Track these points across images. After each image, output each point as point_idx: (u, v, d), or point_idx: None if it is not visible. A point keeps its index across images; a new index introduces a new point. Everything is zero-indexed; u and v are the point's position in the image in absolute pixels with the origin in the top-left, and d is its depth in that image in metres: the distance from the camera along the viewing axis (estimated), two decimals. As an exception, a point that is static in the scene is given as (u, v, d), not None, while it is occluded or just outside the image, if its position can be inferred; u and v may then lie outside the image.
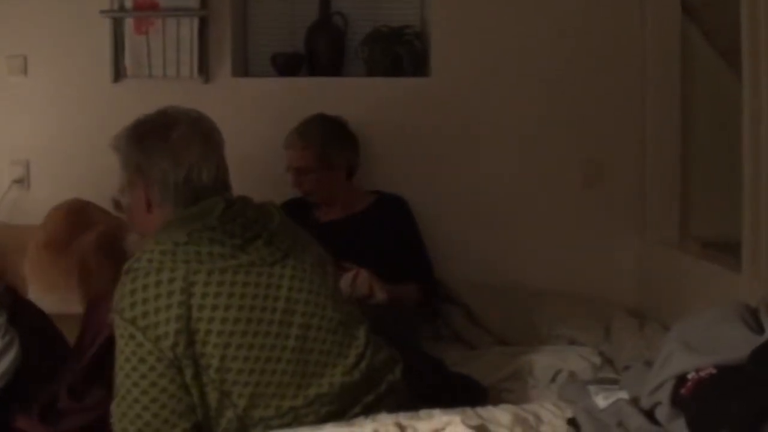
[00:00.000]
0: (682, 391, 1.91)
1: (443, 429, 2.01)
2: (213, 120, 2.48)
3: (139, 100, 4.04)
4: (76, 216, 3.57)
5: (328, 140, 3.80)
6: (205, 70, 4.11)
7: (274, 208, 2.49)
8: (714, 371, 1.90)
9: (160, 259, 2.22)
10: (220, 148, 2.43)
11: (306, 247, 2.47)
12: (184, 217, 2.31)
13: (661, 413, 1.97)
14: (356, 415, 2.31)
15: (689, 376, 1.92)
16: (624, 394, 2.14)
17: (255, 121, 4.03)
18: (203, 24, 4.08)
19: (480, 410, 2.22)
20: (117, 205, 2.62)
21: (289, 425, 2.25)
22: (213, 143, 2.41)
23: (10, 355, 2.41)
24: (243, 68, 4.34)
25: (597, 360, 3.43)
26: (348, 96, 4.09)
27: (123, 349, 2.20)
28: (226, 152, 2.47)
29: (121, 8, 4.06)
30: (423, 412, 2.22)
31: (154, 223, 2.36)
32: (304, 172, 3.78)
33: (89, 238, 3.40)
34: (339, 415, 2.32)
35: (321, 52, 4.28)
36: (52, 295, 3.21)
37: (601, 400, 2.13)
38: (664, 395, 1.95)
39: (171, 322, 2.17)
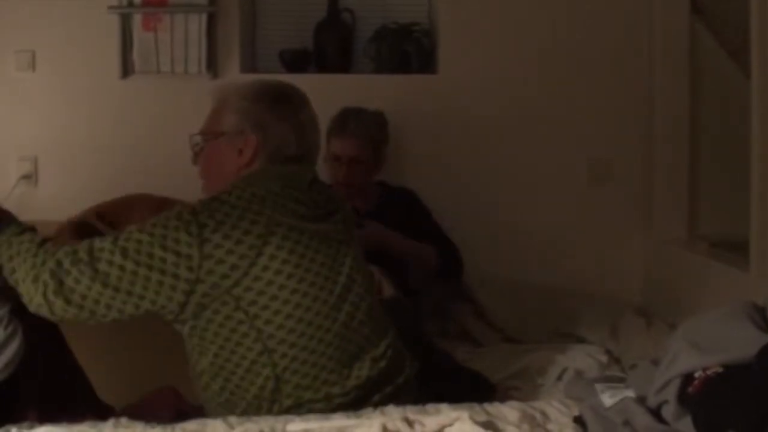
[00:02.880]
0: (689, 389, 1.91)
1: (451, 424, 2.01)
2: None
3: (147, 97, 4.09)
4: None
5: (382, 133, 3.83)
6: (213, 66, 4.11)
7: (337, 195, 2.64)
8: (721, 370, 1.89)
9: (249, 198, 2.30)
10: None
11: (357, 242, 2.58)
12: (279, 172, 2.42)
13: (668, 412, 1.96)
14: (375, 405, 2.33)
15: (696, 375, 1.91)
16: (630, 393, 2.13)
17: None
18: (211, 20, 4.08)
19: (488, 406, 2.22)
20: (195, 145, 2.62)
21: (321, 410, 2.29)
22: (320, 134, 2.61)
23: (13, 346, 2.41)
24: (251, 64, 4.34)
25: (604, 358, 3.43)
26: (356, 93, 4.09)
27: (160, 223, 2.26)
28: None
29: (130, 4, 4.06)
30: (430, 407, 2.22)
31: (239, 176, 2.45)
32: (356, 161, 3.72)
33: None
34: (361, 401, 2.36)
35: (329, 49, 4.28)
36: None
37: (608, 399, 2.13)
38: (671, 394, 1.95)
39: (234, 255, 2.23)
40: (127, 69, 4.11)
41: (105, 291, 2.21)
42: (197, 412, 2.42)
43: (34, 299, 2.24)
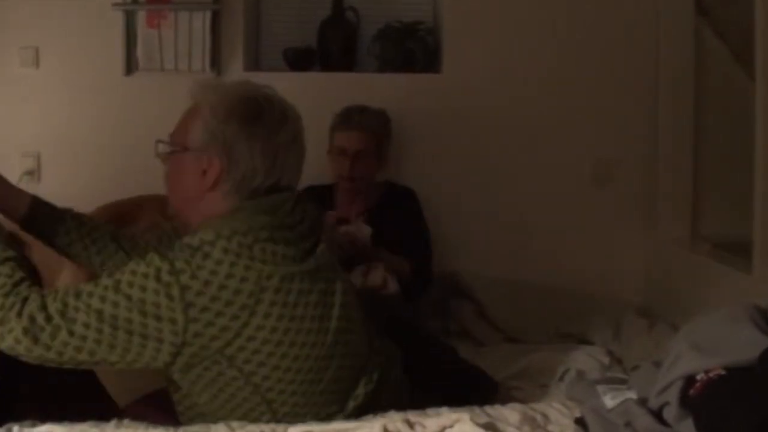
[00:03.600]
0: (691, 391, 1.91)
1: (451, 426, 2.01)
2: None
3: (150, 94, 4.08)
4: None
5: (385, 129, 3.85)
6: (217, 64, 4.11)
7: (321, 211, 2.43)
8: (723, 372, 1.89)
9: (237, 252, 2.06)
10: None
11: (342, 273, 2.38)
12: (262, 208, 2.18)
13: (670, 414, 1.96)
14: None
15: (698, 377, 1.91)
16: (632, 394, 2.13)
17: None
18: (215, 18, 4.08)
19: (488, 409, 2.22)
20: (160, 154, 2.41)
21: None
22: (303, 151, 2.29)
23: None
24: (255, 62, 4.34)
25: (606, 359, 3.42)
26: (360, 91, 4.09)
27: (137, 283, 2.04)
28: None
29: (134, 1, 4.07)
30: (431, 410, 2.22)
31: (203, 205, 2.23)
32: (362, 155, 3.74)
33: None
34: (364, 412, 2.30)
35: (333, 47, 4.28)
36: None
37: (609, 400, 2.13)
38: (673, 396, 1.95)
39: (224, 317, 2.05)
40: (130, 66, 4.12)
41: (82, 351, 2.03)
42: None
43: (4, 341, 2.04)
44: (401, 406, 2.26)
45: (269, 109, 2.23)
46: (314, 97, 3.97)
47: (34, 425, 2.12)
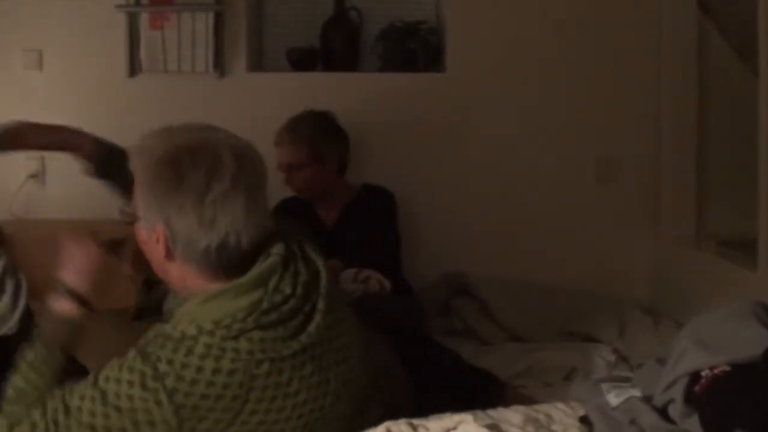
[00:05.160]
0: (696, 388, 1.90)
1: (455, 428, 2.01)
2: (255, 147, 2.14)
3: (154, 95, 4.09)
4: None
5: (318, 135, 3.76)
6: (220, 65, 4.12)
7: (319, 260, 2.18)
8: (728, 369, 1.89)
9: (221, 346, 1.94)
10: (263, 192, 2.09)
11: (348, 315, 2.25)
12: (241, 291, 2.01)
13: (675, 411, 1.96)
14: None
15: (703, 374, 1.91)
16: (637, 392, 2.13)
17: (270, 117, 4.02)
18: (218, 19, 4.09)
19: (491, 411, 2.22)
20: (127, 218, 2.17)
21: None
22: (257, 194, 2.06)
23: (23, 299, 2.45)
24: (258, 63, 4.34)
25: (611, 357, 3.43)
26: (363, 91, 4.10)
27: (123, 392, 1.96)
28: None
29: (137, 3, 4.07)
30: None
31: (173, 273, 2.10)
32: (296, 168, 3.73)
33: None
34: None
35: (336, 48, 4.29)
36: None
37: (614, 398, 2.13)
38: (678, 393, 1.94)
39: (216, 411, 1.95)
40: (134, 68, 4.12)
41: None
42: None
43: None
44: None
45: (194, 165, 2.00)
46: (317, 97, 3.99)
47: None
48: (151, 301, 2.81)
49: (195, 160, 2.00)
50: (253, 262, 2.05)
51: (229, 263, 2.03)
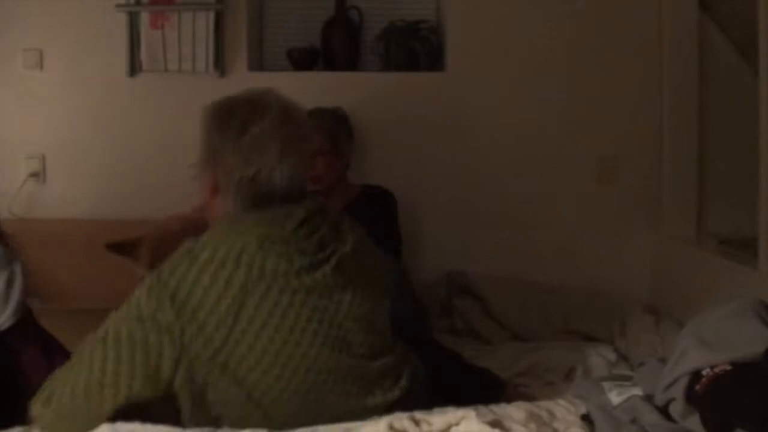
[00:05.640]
0: (697, 387, 1.90)
1: (458, 423, 2.01)
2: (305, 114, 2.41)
3: (154, 95, 4.09)
4: None
5: (337, 125, 3.82)
6: (220, 64, 4.11)
7: (350, 227, 2.37)
8: (729, 367, 1.89)
9: (222, 259, 2.10)
10: (302, 149, 2.30)
11: (372, 277, 2.35)
12: (258, 220, 2.19)
13: (676, 409, 1.96)
14: None
15: (704, 373, 1.91)
16: (638, 391, 2.13)
17: (270, 116, 4.04)
18: (219, 18, 4.08)
19: (494, 407, 2.22)
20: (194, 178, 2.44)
21: None
22: (296, 144, 2.27)
23: (17, 292, 2.44)
24: (259, 63, 4.34)
25: (612, 356, 3.43)
26: (363, 90, 4.10)
27: (133, 302, 2.11)
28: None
29: (137, 2, 4.07)
30: (437, 408, 2.22)
31: (216, 209, 2.31)
32: (318, 155, 3.75)
33: None
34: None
35: (337, 47, 4.28)
36: None
37: (615, 397, 2.13)
38: (679, 391, 1.94)
39: (210, 323, 2.06)
40: (134, 67, 4.12)
41: (93, 372, 2.09)
42: None
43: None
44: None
45: (242, 107, 2.31)
46: (318, 96, 3.97)
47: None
48: None
49: (242, 105, 2.32)
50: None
51: (260, 200, 2.23)
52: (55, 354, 2.64)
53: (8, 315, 2.50)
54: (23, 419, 2.17)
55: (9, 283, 2.51)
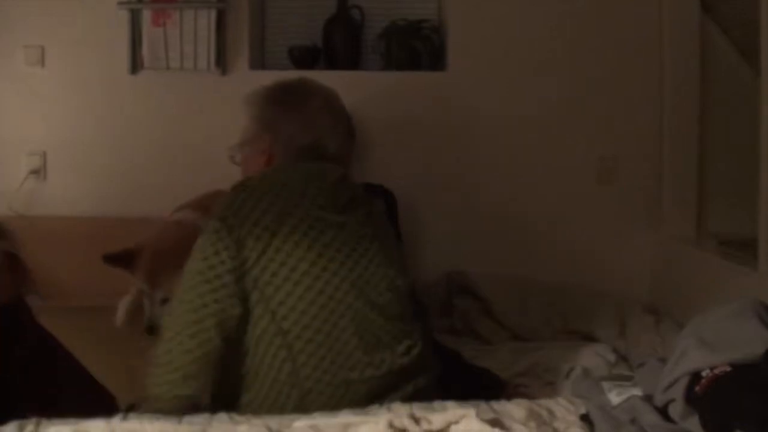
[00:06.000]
0: (697, 388, 1.90)
1: (457, 422, 2.01)
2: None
3: (156, 92, 4.09)
4: None
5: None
6: (222, 62, 4.11)
7: (376, 200, 2.68)
8: (729, 369, 1.89)
9: (269, 184, 2.40)
10: (347, 127, 2.81)
11: (392, 244, 2.61)
12: (301, 167, 2.53)
13: (675, 410, 1.96)
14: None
15: (704, 374, 1.91)
16: (637, 391, 2.13)
17: (271, 114, 4.04)
18: (221, 16, 4.08)
19: (494, 404, 2.22)
20: (232, 157, 2.80)
21: (340, 398, 2.31)
22: (343, 120, 2.76)
23: None
24: (260, 61, 4.34)
25: (611, 357, 3.42)
26: (364, 89, 4.09)
27: (202, 247, 2.31)
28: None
29: (139, 0, 4.06)
30: (437, 404, 2.22)
31: None
32: None
33: None
34: (381, 394, 2.36)
35: (338, 46, 4.28)
36: None
37: (615, 397, 2.13)
38: (678, 392, 1.94)
39: (253, 234, 2.28)
40: (136, 65, 4.12)
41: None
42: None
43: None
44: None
45: (296, 86, 2.75)
46: (319, 95, 3.98)
47: (38, 423, 2.12)
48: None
49: (296, 84, 2.77)
50: None
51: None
52: (54, 352, 2.63)
53: None
54: (21, 416, 2.17)
55: None
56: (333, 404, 2.27)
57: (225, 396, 2.33)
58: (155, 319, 3.04)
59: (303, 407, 2.26)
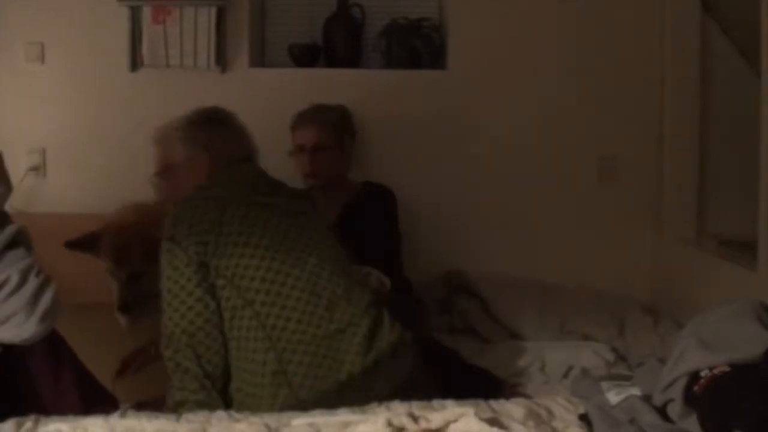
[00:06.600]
0: (695, 388, 1.90)
1: (456, 420, 2.01)
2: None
3: (156, 90, 4.09)
4: None
5: (342, 121, 3.86)
6: (222, 60, 4.11)
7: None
8: (728, 369, 1.89)
9: (204, 195, 2.68)
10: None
11: (323, 221, 2.94)
12: (227, 171, 2.79)
13: (674, 410, 1.96)
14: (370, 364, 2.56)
15: (702, 374, 1.91)
16: (636, 391, 2.13)
17: (271, 112, 4.02)
18: (221, 14, 4.08)
19: (493, 403, 2.22)
20: (156, 185, 2.94)
21: (313, 355, 2.52)
22: (233, 129, 2.93)
23: (49, 294, 2.37)
24: (260, 59, 4.34)
25: (610, 356, 3.42)
26: (364, 88, 4.09)
27: (163, 268, 2.59)
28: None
29: (139, -3, 4.07)
30: (436, 403, 2.22)
31: None
32: (320, 149, 3.77)
33: None
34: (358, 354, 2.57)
35: (338, 44, 4.28)
36: None
37: (613, 397, 2.13)
38: (677, 392, 1.94)
39: (202, 232, 2.55)
40: (136, 62, 4.12)
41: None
42: None
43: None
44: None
45: (214, 110, 2.94)
46: (319, 93, 3.98)
47: (38, 420, 2.12)
48: (137, 295, 3.15)
49: (213, 110, 2.94)
50: None
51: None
52: (58, 347, 2.63)
53: (32, 330, 2.33)
54: (23, 412, 2.18)
55: (38, 292, 2.37)
56: (308, 361, 2.52)
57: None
58: (125, 296, 3.09)
59: (282, 367, 2.50)
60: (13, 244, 2.34)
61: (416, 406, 2.17)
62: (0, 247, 2.29)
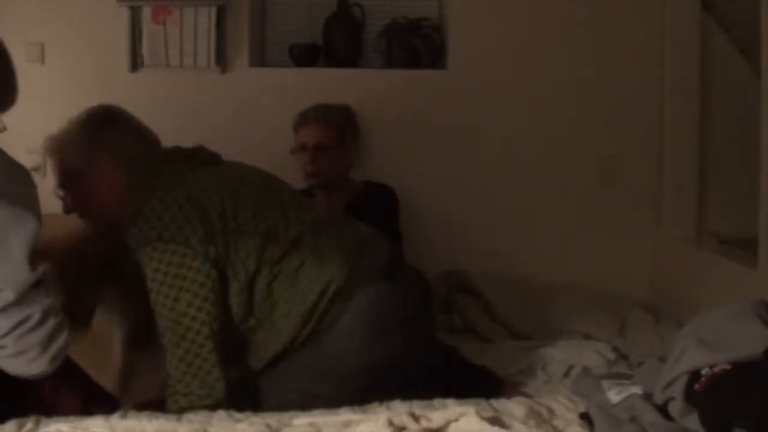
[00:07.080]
0: (696, 386, 1.91)
1: (457, 419, 2.01)
2: None
3: (156, 90, 4.08)
4: None
5: (346, 121, 3.89)
6: (222, 60, 4.11)
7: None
8: (728, 367, 1.89)
9: (160, 196, 2.59)
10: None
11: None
12: (153, 163, 2.73)
13: (675, 408, 1.96)
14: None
15: (703, 372, 1.91)
16: (637, 390, 2.13)
17: (271, 112, 4.03)
18: (221, 14, 4.09)
19: (494, 402, 2.22)
20: (67, 202, 2.89)
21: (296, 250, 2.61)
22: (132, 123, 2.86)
23: (63, 336, 2.39)
24: (260, 58, 4.34)
25: (611, 355, 3.42)
26: (365, 88, 4.09)
27: (149, 278, 2.54)
28: (242, 141, 2.58)
29: (139, -3, 4.07)
30: (437, 402, 2.22)
31: (119, 187, 2.73)
32: (322, 148, 3.79)
33: None
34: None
35: (338, 44, 4.28)
36: None
37: (614, 395, 2.13)
38: (678, 391, 1.95)
39: (191, 219, 2.54)
40: (136, 62, 4.12)
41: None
42: None
43: None
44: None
45: (102, 110, 2.88)
46: (319, 93, 3.98)
47: (38, 421, 2.12)
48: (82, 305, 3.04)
49: (100, 110, 2.87)
50: None
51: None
52: None
53: (44, 365, 2.34)
54: (24, 412, 2.18)
55: (54, 334, 2.36)
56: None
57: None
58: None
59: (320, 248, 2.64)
60: (39, 283, 2.36)
61: (417, 406, 2.17)
62: (29, 286, 2.32)
